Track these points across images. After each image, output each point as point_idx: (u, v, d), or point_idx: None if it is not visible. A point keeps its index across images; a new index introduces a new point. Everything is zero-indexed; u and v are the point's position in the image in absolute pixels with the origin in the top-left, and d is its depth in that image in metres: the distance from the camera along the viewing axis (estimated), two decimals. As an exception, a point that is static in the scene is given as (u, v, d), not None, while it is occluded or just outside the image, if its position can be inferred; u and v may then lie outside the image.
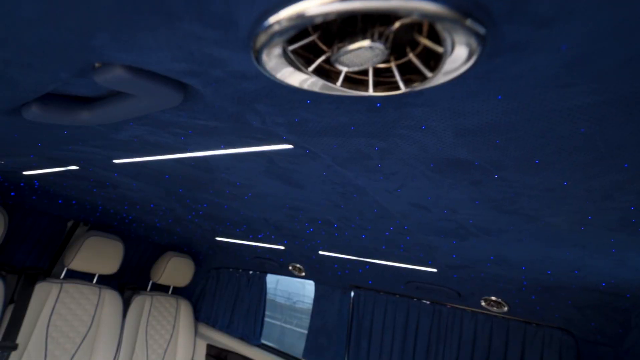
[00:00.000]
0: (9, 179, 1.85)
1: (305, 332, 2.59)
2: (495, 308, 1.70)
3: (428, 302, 2.04)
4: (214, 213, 1.63)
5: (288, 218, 1.37)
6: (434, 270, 1.61)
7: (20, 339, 1.90)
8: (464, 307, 1.91)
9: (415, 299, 2.07)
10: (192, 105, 0.48)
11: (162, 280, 2.71)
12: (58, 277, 2.24)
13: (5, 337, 1.84)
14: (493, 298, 1.65)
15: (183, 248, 3.06)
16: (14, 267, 2.08)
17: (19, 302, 1.96)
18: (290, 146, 0.58)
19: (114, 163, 1.04)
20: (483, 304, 1.72)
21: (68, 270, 2.39)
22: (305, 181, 0.81)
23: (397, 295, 2.13)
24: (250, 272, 2.88)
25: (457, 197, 0.62)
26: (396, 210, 0.84)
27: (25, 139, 0.69)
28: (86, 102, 0.52)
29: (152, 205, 1.92)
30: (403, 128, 0.44)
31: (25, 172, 1.65)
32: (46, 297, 2.08)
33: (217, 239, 2.48)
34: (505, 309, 1.66)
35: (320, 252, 1.95)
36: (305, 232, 1.58)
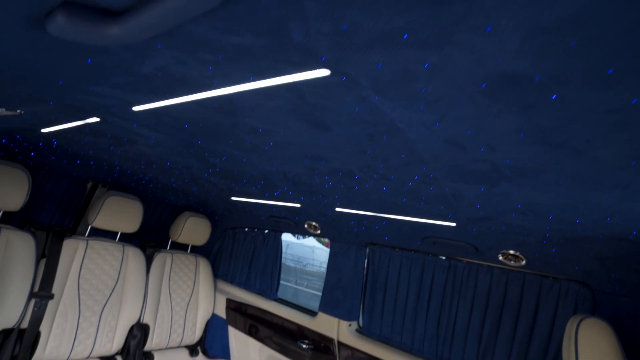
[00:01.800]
0: (28, 138, 1.85)
1: (315, 292, 2.68)
2: (512, 262, 1.71)
3: (443, 258, 2.06)
4: (232, 168, 1.63)
5: (308, 170, 1.36)
6: (453, 224, 1.60)
7: (55, 290, 2.01)
8: (479, 262, 1.93)
9: (430, 255, 2.10)
10: (232, 9, 0.44)
11: (181, 239, 2.79)
12: (83, 235, 2.32)
13: (41, 287, 1.95)
14: (511, 252, 1.65)
15: (199, 209, 3.12)
16: (41, 224, 2.15)
17: (50, 256, 2.06)
18: (327, 72, 0.54)
19: (133, 111, 1.02)
20: (501, 258, 1.72)
21: (92, 229, 2.48)
22: (333, 122, 0.78)
23: (413, 251, 2.16)
24: (266, 231, 2.94)
25: (501, 129, 0.59)
26: (428, 152, 0.81)
27: (48, 72, 0.67)
28: (115, 15, 0.49)
29: (168, 164, 1.92)
30: (465, 31, 0.40)
31: (43, 130, 1.65)
32: (74, 252, 2.17)
33: (233, 198, 2.51)
34: (523, 262, 1.67)
35: (337, 209, 1.96)
36: (324, 187, 1.57)
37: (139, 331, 2.39)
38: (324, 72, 0.54)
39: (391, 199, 1.50)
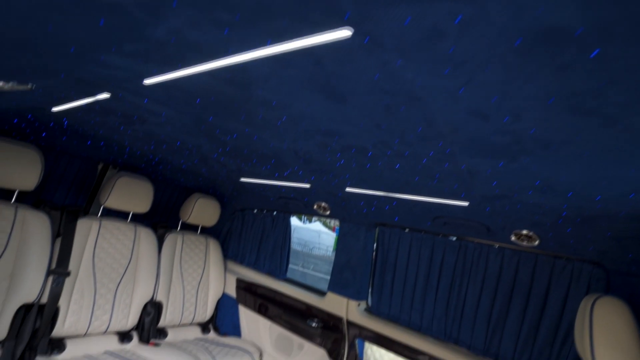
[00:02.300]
0: (39, 118, 1.86)
1: (322, 275, 2.71)
2: (525, 242, 1.69)
3: (454, 239, 2.05)
4: (242, 147, 1.61)
5: (320, 148, 1.34)
6: (465, 203, 1.58)
7: (71, 267, 2.06)
8: (490, 243, 1.91)
9: (441, 235, 2.09)
10: None
11: (191, 220, 2.82)
12: (96, 215, 2.36)
13: (57, 265, 1.99)
14: (524, 232, 1.63)
15: (208, 190, 3.13)
16: (55, 204, 2.18)
17: (65, 235, 2.09)
18: (349, 33, 0.52)
19: (144, 85, 1.00)
20: (513, 238, 1.71)
21: (104, 210, 2.51)
22: (350, 92, 0.75)
23: (423, 232, 2.15)
24: (275, 212, 2.96)
25: (530, 95, 0.56)
26: (447, 124, 0.79)
27: (60, 36, 0.65)
28: None
29: (178, 144, 1.92)
30: None
31: (54, 109, 1.64)
32: (88, 232, 2.21)
33: (242, 179, 2.51)
34: (536, 242, 1.65)
35: (347, 189, 1.94)
36: (335, 166, 1.56)
37: (153, 308, 2.45)
38: (345, 33, 0.52)
39: (403, 177, 1.47)
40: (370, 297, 2.35)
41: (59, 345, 1.96)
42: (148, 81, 0.96)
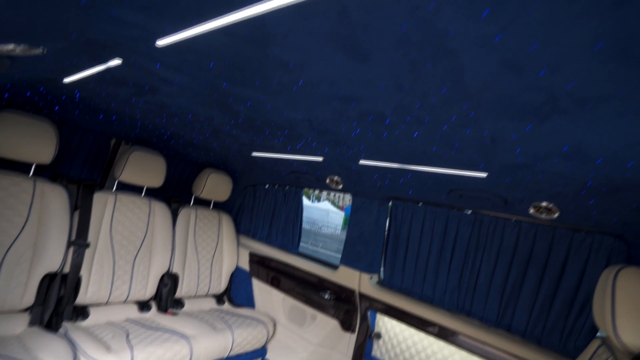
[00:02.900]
0: (51, 90, 1.85)
1: (331, 253, 2.73)
2: (544, 215, 1.65)
3: (469, 212, 2.02)
4: (255, 117, 1.59)
5: (336, 115, 1.30)
6: (484, 175, 1.54)
7: (90, 239, 2.11)
8: (507, 216, 1.88)
9: (455, 209, 2.06)
10: None
11: (204, 194, 2.84)
12: (111, 189, 2.39)
13: (77, 237, 2.04)
14: (544, 204, 1.59)
15: (220, 166, 3.14)
16: (72, 178, 2.21)
17: (83, 208, 2.14)
18: None
19: (157, 47, 0.97)
20: (531, 211, 1.67)
21: (118, 184, 2.54)
22: (374, 47, 0.71)
23: (437, 206, 2.12)
24: (286, 187, 2.96)
25: (576, 39, 0.51)
26: (476, 80, 0.74)
27: None
28: None
29: (190, 116, 1.90)
30: None
31: (66, 80, 1.63)
32: (104, 205, 2.25)
33: (254, 154, 2.49)
34: (555, 215, 1.61)
35: (361, 162, 1.91)
36: (350, 136, 1.52)
37: (169, 280, 2.52)
38: None
39: (421, 147, 1.44)
40: (383, 270, 2.37)
41: (82, 312, 2.04)
42: (161, 42, 0.93)
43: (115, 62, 1.19)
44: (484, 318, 1.92)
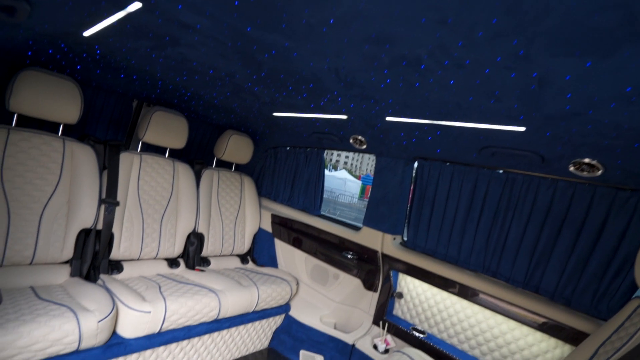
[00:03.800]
0: (72, 47, 1.83)
1: (347, 222, 2.73)
2: (585, 173, 1.55)
3: (500, 171, 1.93)
4: (279, 69, 1.52)
5: (366, 63, 1.22)
6: (522, 129, 1.44)
7: (119, 198, 2.17)
8: (542, 175, 1.79)
9: (485, 168, 1.98)
10: None
11: (225, 156, 2.85)
12: (135, 151, 2.42)
13: (107, 195, 2.11)
14: (586, 160, 1.48)
15: (240, 128, 3.11)
16: (98, 139, 2.24)
17: (110, 168, 2.18)
18: None
19: None
20: (571, 168, 1.57)
21: (143, 146, 2.57)
22: None
23: (466, 165, 2.04)
24: (308, 149, 2.92)
25: None
26: (538, 0, 0.65)
27: None
28: None
29: (211, 72, 1.84)
30: None
31: (85, 34, 1.59)
32: (130, 165, 2.29)
33: (275, 114, 2.44)
34: (599, 172, 1.51)
35: (388, 119, 1.83)
36: (379, 87, 1.44)
37: (196, 239, 2.60)
38: None
39: (455, 98, 1.34)
40: (407, 231, 2.35)
41: (117, 266, 2.15)
42: (182, -23, 0.86)
43: (135, 5, 1.14)
44: (510, 279, 1.89)
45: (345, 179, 28.26)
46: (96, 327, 1.51)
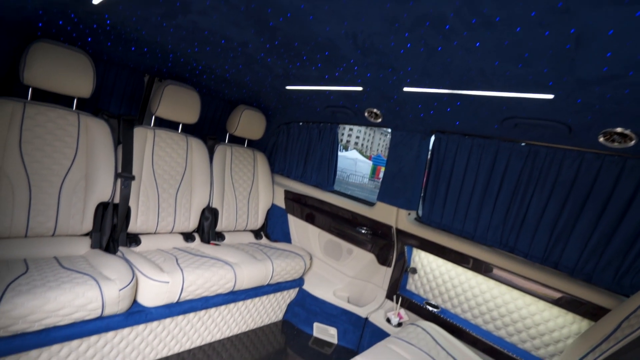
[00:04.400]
0: (81, 17, 1.80)
1: (361, 197, 2.70)
2: (616, 144, 1.47)
3: (523, 144, 1.86)
4: (293, 35, 1.46)
5: (386, 25, 1.15)
6: (550, 96, 1.36)
7: (134, 173, 2.19)
8: (568, 147, 1.71)
9: (507, 141, 1.90)
10: None
11: (238, 132, 2.83)
12: (149, 125, 2.41)
13: (123, 170, 2.13)
14: (618, 130, 1.41)
15: (253, 103, 3.07)
16: (112, 113, 2.24)
17: (125, 142, 2.19)
18: None
19: None
20: (601, 139, 1.49)
21: (156, 121, 2.56)
22: None
23: (486, 138, 1.97)
24: (321, 124, 2.87)
25: None
26: None
27: None
28: None
29: (222, 42, 1.79)
30: None
31: (95, 1, 1.56)
32: (144, 140, 2.29)
33: (288, 87, 2.38)
34: (631, 143, 1.43)
35: (405, 89, 1.76)
36: (398, 54, 1.37)
37: (210, 214, 2.63)
38: None
39: (479, 63, 1.27)
40: (422, 206, 2.32)
41: (135, 239, 2.19)
42: None
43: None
44: (529, 254, 1.85)
45: (356, 159, 28.08)
46: (117, 295, 1.56)
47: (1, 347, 1.29)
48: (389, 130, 2.38)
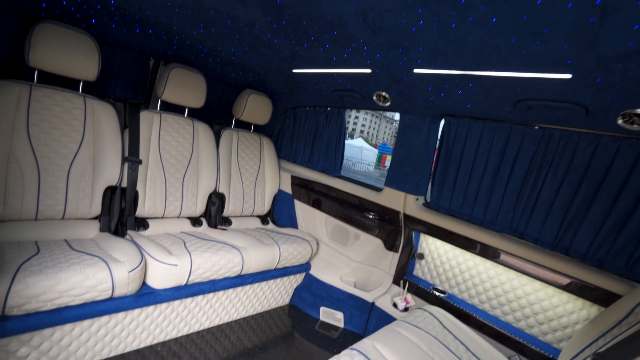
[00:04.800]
0: (85, -2, 1.76)
1: (368, 183, 2.67)
2: (635, 126, 1.42)
3: (536, 127, 1.81)
4: (301, 14, 1.41)
5: (399, 0, 1.11)
6: (567, 76, 1.31)
7: (141, 157, 2.19)
8: (583, 130, 1.66)
9: (520, 124, 1.85)
10: None
11: (244, 117, 2.80)
12: (155, 109, 2.40)
13: (130, 154, 2.12)
14: (639, 111, 1.35)
15: (259, 88, 3.03)
16: (118, 97, 2.23)
17: (131, 126, 2.18)
18: None
19: None
20: (620, 121, 1.44)
21: (162, 105, 2.54)
22: None
23: (498, 121, 1.92)
24: (328, 108, 2.83)
25: None
26: None
27: None
28: None
29: (229, 22, 1.75)
30: None
31: None
32: (151, 124, 2.28)
33: (295, 71, 2.34)
34: (651, 124, 1.38)
35: (416, 71, 1.72)
36: (410, 31, 1.32)
37: (217, 199, 2.63)
38: None
39: (495, 41, 1.22)
40: (430, 192, 2.29)
41: (143, 223, 2.21)
42: None
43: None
44: (539, 240, 1.83)
45: (361, 147, 27.92)
46: (127, 276, 1.57)
47: (16, 325, 1.32)
48: (396, 118, 2.34)
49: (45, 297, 1.35)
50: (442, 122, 2.17)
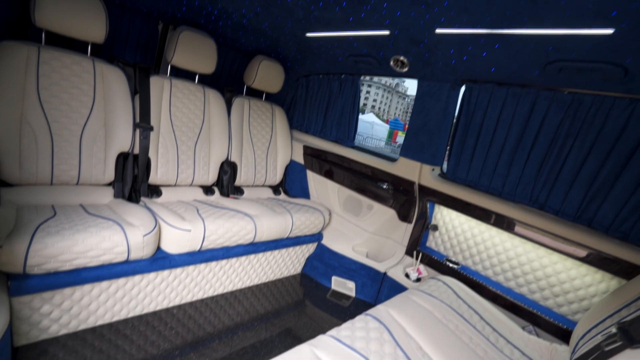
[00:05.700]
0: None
1: (382, 153, 2.59)
2: (678, 87, 1.31)
3: (565, 92, 1.70)
4: None
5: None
6: (609, 31, 1.20)
7: (153, 124, 2.16)
8: (617, 95, 1.55)
9: (547, 89, 1.74)
10: None
11: (256, 84, 2.72)
12: (165, 75, 2.34)
13: (141, 120, 2.09)
14: (685, 71, 1.24)
15: (271, 54, 2.93)
16: (127, 61, 2.17)
17: (142, 92, 2.14)
18: None
19: None
20: (662, 82, 1.33)
21: (172, 70, 2.48)
22: None
23: (524, 87, 1.81)
24: (342, 76, 2.72)
25: None
26: None
27: None
28: None
29: None
30: None
31: None
32: (161, 90, 2.23)
33: (308, 34, 2.23)
34: (698, 86, 1.27)
35: (438, 31, 1.60)
36: (436, -18, 1.21)
37: (229, 167, 2.61)
38: None
39: (531, -10, 1.11)
40: (447, 162, 2.22)
41: (156, 190, 2.22)
42: None
43: None
44: (560, 212, 1.76)
45: (372, 122, 27.43)
46: (142, 240, 1.59)
47: (38, 283, 1.35)
48: (408, 93, 2.24)
49: (64, 257, 1.37)
50: (463, 88, 2.06)
